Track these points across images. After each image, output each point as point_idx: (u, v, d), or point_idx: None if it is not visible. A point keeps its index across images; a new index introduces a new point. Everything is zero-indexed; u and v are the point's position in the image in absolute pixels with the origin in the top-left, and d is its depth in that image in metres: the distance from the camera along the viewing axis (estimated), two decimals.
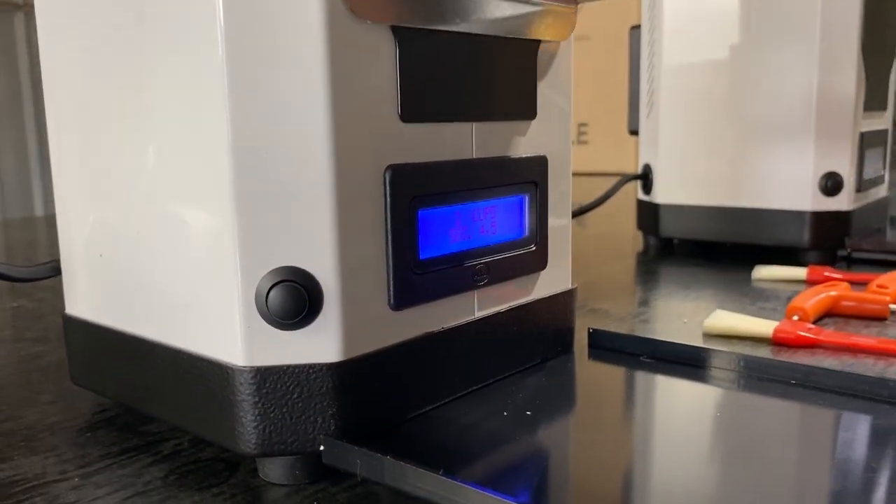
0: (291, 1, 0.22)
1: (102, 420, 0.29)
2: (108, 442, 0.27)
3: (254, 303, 0.23)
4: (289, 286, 0.22)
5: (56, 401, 0.32)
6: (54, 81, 0.29)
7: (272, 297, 0.22)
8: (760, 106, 0.58)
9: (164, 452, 0.26)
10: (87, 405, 0.31)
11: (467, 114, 0.27)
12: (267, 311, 0.23)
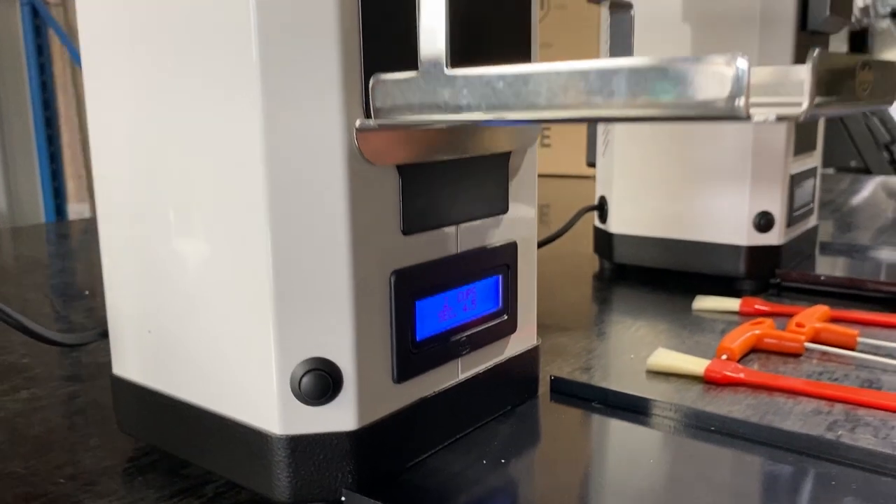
0: (321, 153, 0.28)
1: (147, 464, 0.35)
2: (159, 485, 0.33)
3: (289, 386, 0.29)
4: (317, 374, 0.29)
5: (103, 444, 0.37)
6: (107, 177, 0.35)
7: (304, 382, 0.29)
8: (703, 151, 0.65)
9: (209, 495, 0.32)
10: (129, 448, 0.37)
11: (454, 220, 0.33)
12: (300, 392, 0.29)
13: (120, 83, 0.33)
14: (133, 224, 0.34)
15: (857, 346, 0.49)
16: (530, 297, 0.39)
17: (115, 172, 0.34)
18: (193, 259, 0.31)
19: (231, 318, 0.30)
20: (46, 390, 0.44)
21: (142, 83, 0.31)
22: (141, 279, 0.34)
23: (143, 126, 0.32)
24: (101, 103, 0.34)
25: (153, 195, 0.32)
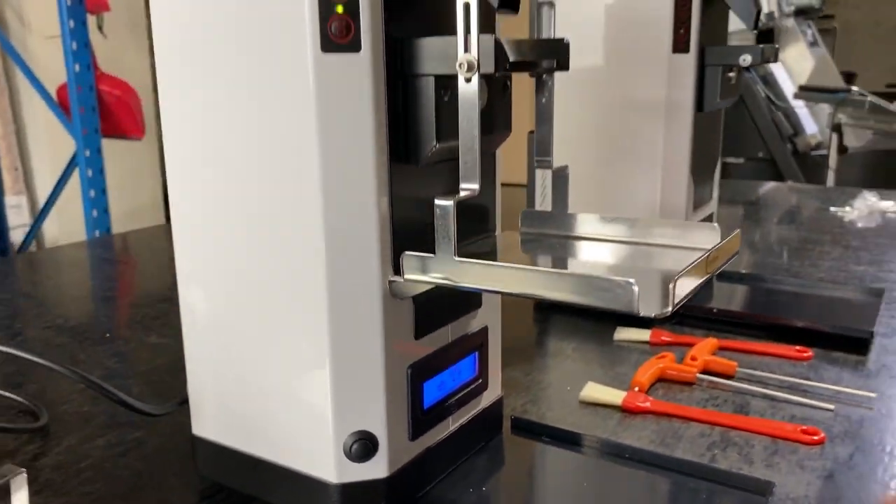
0: (367, 291, 0.41)
1: (222, 499, 0.48)
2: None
3: (342, 451, 0.42)
4: (362, 442, 0.42)
5: (183, 484, 0.50)
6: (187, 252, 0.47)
7: (354, 449, 0.42)
8: (620, 205, 0.80)
9: None
10: (205, 486, 0.49)
11: (447, 321, 0.46)
12: (350, 454, 0.42)
13: (203, 178, 0.45)
14: (216, 314, 0.46)
15: (735, 375, 0.65)
16: (496, 361, 0.53)
17: (200, 271, 0.46)
18: (271, 351, 0.44)
19: (299, 399, 0.43)
20: (117, 437, 0.56)
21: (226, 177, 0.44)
22: (220, 359, 0.46)
23: (225, 220, 0.44)
24: (183, 190, 0.46)
25: (234, 285, 0.45)
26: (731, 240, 0.42)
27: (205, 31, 0.41)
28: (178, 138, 0.44)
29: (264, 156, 0.40)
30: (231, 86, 0.40)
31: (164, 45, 0.43)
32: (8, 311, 0.87)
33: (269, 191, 0.40)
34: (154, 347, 0.75)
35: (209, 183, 0.43)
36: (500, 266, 0.37)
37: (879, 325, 0.76)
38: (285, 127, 0.39)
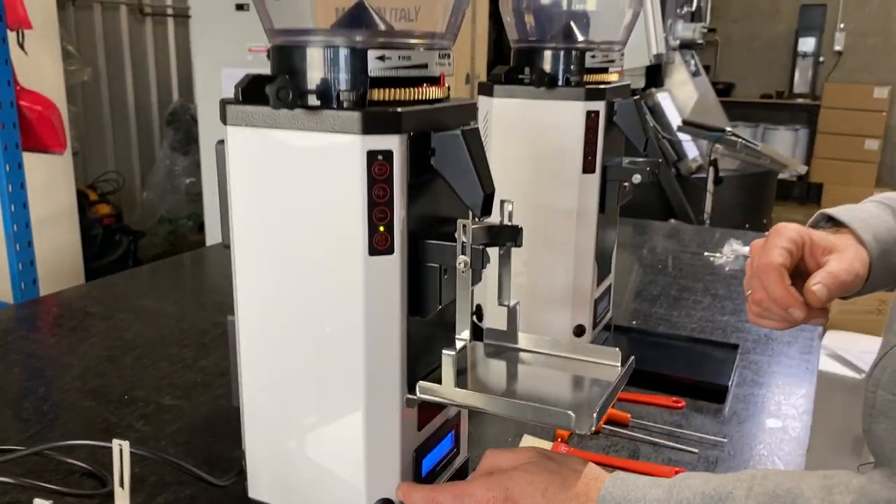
0: (392, 404, 0.60)
1: None
2: None
3: None
4: (384, 501, 0.61)
5: None
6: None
7: None
8: (541, 283, 1.01)
9: None
10: None
11: (439, 413, 0.66)
12: None
13: (282, 318, 0.63)
14: (275, 408, 0.64)
15: (629, 424, 0.88)
16: (465, 432, 0.73)
17: (266, 375, 0.64)
18: (318, 438, 0.62)
19: (339, 474, 0.62)
20: (173, 494, 0.73)
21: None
22: (276, 442, 0.64)
23: (292, 343, 0.62)
24: (264, 321, 0.64)
25: (293, 391, 0.63)
26: (626, 366, 0.63)
27: (283, 224, 0.58)
28: (259, 305, 0.61)
29: (328, 312, 0.59)
30: (303, 262, 0.58)
31: (244, 222, 0.61)
32: None
33: (331, 331, 0.59)
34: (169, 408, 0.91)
35: (287, 324, 0.61)
36: (482, 395, 0.57)
37: (734, 376, 1.00)
38: (341, 298, 0.57)
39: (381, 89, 0.55)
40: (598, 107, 0.93)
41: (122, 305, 1.26)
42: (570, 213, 0.97)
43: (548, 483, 0.56)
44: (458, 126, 0.59)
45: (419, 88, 0.57)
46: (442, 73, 0.59)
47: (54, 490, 0.71)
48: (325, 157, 0.55)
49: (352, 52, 0.55)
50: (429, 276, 0.59)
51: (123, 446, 0.54)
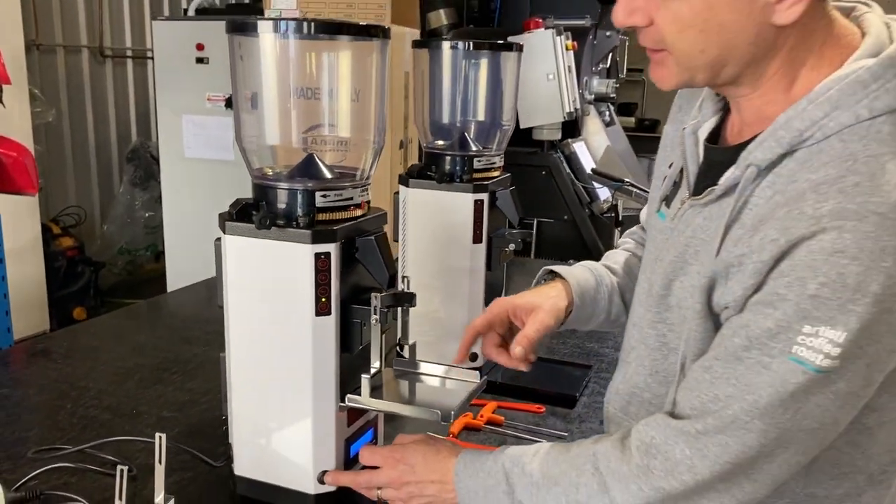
0: (329, 402, 0.94)
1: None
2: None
3: (315, 478, 0.95)
4: (324, 473, 0.95)
5: (225, 498, 1.00)
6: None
7: (320, 477, 0.95)
8: (452, 306, 1.36)
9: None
10: (238, 497, 1.00)
11: (362, 416, 1.00)
12: (320, 480, 0.95)
13: (257, 357, 0.96)
14: (258, 416, 0.97)
15: (503, 424, 1.23)
16: (381, 429, 1.07)
17: (248, 390, 0.97)
18: (280, 430, 0.96)
19: (293, 457, 0.95)
20: (178, 476, 1.05)
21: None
22: (255, 435, 0.97)
23: (262, 373, 0.96)
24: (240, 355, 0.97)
25: (267, 403, 0.96)
26: (480, 383, 0.98)
27: (262, 305, 0.92)
28: (245, 346, 0.95)
29: (289, 350, 0.92)
30: (273, 319, 0.92)
31: (235, 294, 0.94)
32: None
33: (291, 363, 0.93)
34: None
35: (263, 352, 0.95)
36: (387, 402, 0.92)
37: (586, 389, 1.37)
38: (298, 342, 0.91)
39: (323, 213, 0.90)
40: (483, 196, 1.29)
41: (121, 339, 1.57)
42: (465, 271, 1.32)
43: (427, 450, 0.90)
44: (373, 232, 0.94)
45: (347, 212, 0.92)
46: (362, 200, 0.94)
47: (98, 471, 1.03)
48: (288, 256, 0.89)
49: (305, 192, 0.89)
50: (353, 327, 0.93)
51: (162, 437, 0.86)
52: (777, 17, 0.69)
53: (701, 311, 0.75)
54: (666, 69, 0.76)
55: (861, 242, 0.63)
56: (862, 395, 0.69)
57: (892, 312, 0.64)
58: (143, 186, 4.30)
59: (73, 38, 4.33)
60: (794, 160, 0.71)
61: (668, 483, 0.71)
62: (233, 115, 0.98)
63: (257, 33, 0.90)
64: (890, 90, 0.68)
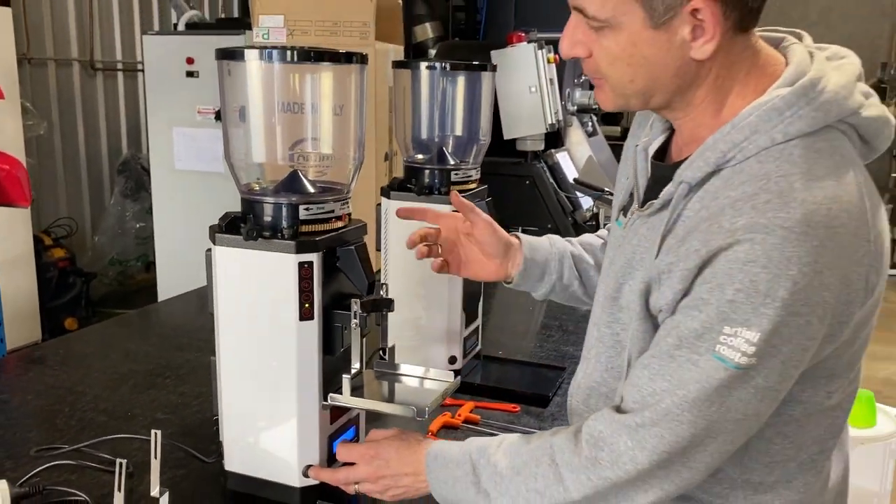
0: (312, 397, 1.01)
1: (238, 500, 1.06)
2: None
3: (300, 471, 1.02)
4: (307, 468, 1.02)
5: (216, 492, 1.07)
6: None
7: (304, 471, 1.02)
8: (428, 317, 1.43)
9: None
10: (230, 493, 1.07)
11: (345, 414, 1.07)
12: (304, 474, 1.02)
13: (247, 353, 1.03)
14: (247, 416, 1.04)
15: (479, 422, 1.30)
16: (363, 426, 1.13)
17: (238, 389, 1.04)
18: (269, 428, 1.03)
19: (279, 452, 1.02)
20: (172, 473, 1.12)
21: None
22: (245, 434, 1.04)
23: (251, 370, 1.03)
24: (235, 358, 1.04)
25: (256, 402, 1.03)
26: (453, 382, 1.06)
27: (250, 311, 0.99)
28: (234, 349, 1.01)
29: (276, 353, 0.99)
30: (260, 323, 0.99)
31: (225, 301, 1.01)
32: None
33: (277, 364, 1.00)
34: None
35: (251, 354, 1.02)
36: (366, 400, 0.99)
37: (558, 389, 1.44)
38: (284, 345, 0.98)
39: (306, 226, 0.97)
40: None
41: (114, 347, 1.64)
42: (444, 279, 1.39)
43: (400, 444, 0.97)
44: (353, 243, 1.01)
45: (329, 224, 0.99)
46: (343, 213, 1.01)
47: (96, 468, 1.09)
48: (274, 265, 0.96)
49: (289, 206, 0.97)
50: (335, 331, 1.00)
51: (158, 433, 0.93)
52: (694, 52, 0.78)
53: (640, 313, 0.83)
54: (604, 94, 0.85)
55: (769, 253, 0.71)
56: (780, 390, 0.76)
57: (801, 315, 0.72)
58: (133, 198, 4.35)
59: (63, 52, 4.39)
60: (719, 178, 0.79)
61: (613, 473, 0.79)
62: (222, 133, 1.05)
63: (244, 60, 0.97)
64: (802, 117, 0.76)
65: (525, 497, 0.84)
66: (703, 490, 0.84)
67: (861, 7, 6.87)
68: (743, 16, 0.77)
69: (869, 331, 0.82)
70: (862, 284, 0.75)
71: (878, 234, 0.78)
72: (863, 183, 0.78)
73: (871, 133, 0.81)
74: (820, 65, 0.79)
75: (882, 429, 1.93)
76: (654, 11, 0.76)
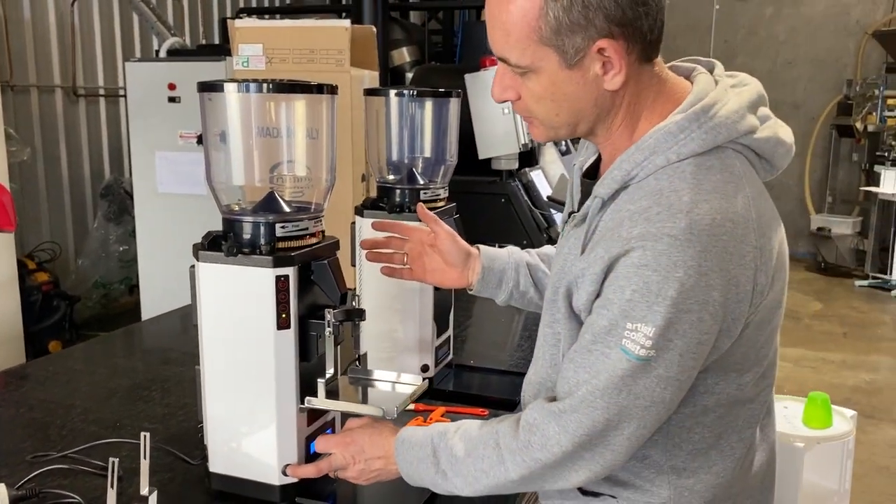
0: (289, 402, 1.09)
1: (228, 495, 1.13)
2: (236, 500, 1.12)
3: (280, 470, 1.09)
4: (286, 467, 1.10)
5: (200, 492, 1.14)
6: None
7: (284, 470, 1.09)
8: (403, 326, 1.51)
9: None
10: (215, 491, 1.14)
11: (321, 416, 1.15)
12: (283, 472, 1.10)
13: (230, 361, 1.11)
14: (230, 420, 1.12)
15: None
16: (339, 428, 1.21)
17: (220, 396, 1.12)
18: (252, 432, 1.10)
19: (259, 455, 1.10)
20: (159, 476, 1.19)
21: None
22: (228, 439, 1.12)
23: (234, 375, 1.10)
24: (216, 366, 1.12)
25: (237, 410, 1.11)
26: (420, 385, 1.14)
27: (231, 322, 1.07)
28: (217, 358, 1.09)
29: (255, 360, 1.07)
30: (241, 333, 1.07)
31: (208, 313, 1.09)
32: None
33: (256, 372, 1.08)
34: None
35: (233, 362, 1.10)
36: (340, 402, 1.07)
37: None
38: (262, 352, 1.06)
39: (283, 242, 1.06)
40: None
41: (100, 364, 1.71)
42: (415, 291, 1.48)
43: (372, 432, 1.05)
44: (327, 257, 1.10)
45: (304, 240, 1.08)
46: (317, 230, 1.10)
47: (89, 472, 1.16)
48: (253, 278, 1.05)
49: (267, 224, 1.05)
50: (311, 339, 1.09)
51: (146, 436, 1.00)
52: (607, 84, 0.89)
53: (567, 313, 0.93)
54: (536, 129, 0.97)
55: (658, 258, 0.81)
56: (682, 379, 0.86)
57: (691, 312, 0.82)
58: (117, 221, 4.41)
59: (46, 79, 4.47)
60: (626, 193, 0.89)
61: (543, 455, 0.88)
62: (203, 157, 1.13)
63: (224, 92, 1.06)
64: (694, 139, 0.87)
65: (474, 476, 0.93)
66: (633, 474, 0.93)
67: (827, 26, 7.09)
68: (644, 48, 0.88)
69: (772, 330, 0.92)
70: (750, 286, 0.86)
71: (767, 241, 0.88)
72: (752, 196, 0.88)
73: (766, 152, 0.91)
74: (720, 92, 0.90)
75: (838, 428, 2.03)
76: (567, 54, 0.87)
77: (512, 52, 0.89)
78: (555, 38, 0.86)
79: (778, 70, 7.18)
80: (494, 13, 0.89)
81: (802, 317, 5.36)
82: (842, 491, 2.12)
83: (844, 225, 6.37)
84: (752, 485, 0.97)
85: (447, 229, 1.26)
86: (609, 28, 0.85)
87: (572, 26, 0.85)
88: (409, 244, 1.28)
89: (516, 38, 0.88)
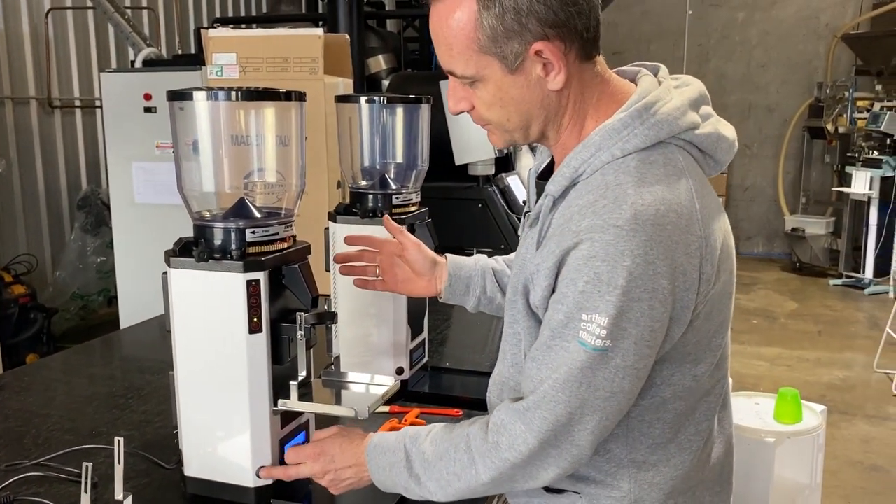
0: (263, 407, 1.11)
1: (203, 499, 1.15)
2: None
3: (254, 473, 1.11)
4: (261, 469, 1.11)
5: (176, 496, 1.15)
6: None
7: (257, 473, 1.11)
8: (374, 344, 1.53)
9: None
10: (189, 495, 1.15)
11: (295, 419, 1.17)
12: (257, 475, 1.11)
13: (205, 365, 1.12)
14: (206, 425, 1.13)
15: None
16: (312, 430, 1.23)
17: (193, 400, 1.13)
18: (227, 436, 1.12)
19: (234, 458, 1.11)
20: (136, 482, 1.20)
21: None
22: (202, 442, 1.13)
23: (197, 373, 1.12)
24: (191, 369, 1.13)
25: (211, 413, 1.12)
26: (393, 385, 1.16)
27: (203, 326, 1.09)
28: (190, 362, 1.11)
29: (228, 364, 1.09)
30: (213, 337, 1.09)
31: (180, 319, 1.11)
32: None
33: (230, 375, 1.09)
34: None
35: (206, 366, 1.11)
36: (312, 404, 1.09)
37: None
38: (234, 356, 1.08)
39: (254, 247, 1.08)
40: (403, 227, 1.48)
41: (77, 373, 1.71)
42: (389, 297, 1.50)
43: (342, 441, 1.07)
44: (297, 262, 1.12)
45: (274, 245, 1.10)
46: (287, 235, 1.12)
47: (63, 479, 1.17)
48: (225, 283, 1.07)
49: (238, 230, 1.07)
50: (283, 342, 1.10)
51: (120, 441, 1.01)
52: (550, 84, 0.92)
53: (524, 311, 0.96)
54: (493, 135, 1.00)
55: (606, 248, 0.84)
56: (639, 368, 0.88)
57: (642, 300, 0.84)
58: (94, 232, 4.39)
59: (21, 90, 4.44)
60: (575, 190, 0.92)
61: (511, 455, 0.90)
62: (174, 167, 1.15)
63: (193, 101, 1.08)
64: (637, 135, 0.90)
65: (447, 479, 0.95)
66: (595, 469, 0.96)
67: (798, 30, 7.20)
68: (582, 46, 0.92)
69: (722, 321, 0.95)
70: (696, 274, 0.89)
71: (712, 232, 0.91)
72: (695, 188, 0.92)
73: (709, 147, 0.95)
74: (663, 91, 0.93)
75: (808, 423, 2.07)
76: (507, 60, 0.91)
77: (457, 64, 0.93)
78: (493, 47, 0.90)
79: (752, 73, 7.28)
80: (436, 30, 0.94)
81: (778, 316, 5.43)
82: (813, 485, 2.17)
83: (818, 225, 6.47)
84: (709, 476, 1.00)
85: (413, 239, 1.28)
86: (543, 30, 0.89)
87: (507, 33, 0.89)
88: (381, 256, 1.31)
89: (458, 50, 0.92)
